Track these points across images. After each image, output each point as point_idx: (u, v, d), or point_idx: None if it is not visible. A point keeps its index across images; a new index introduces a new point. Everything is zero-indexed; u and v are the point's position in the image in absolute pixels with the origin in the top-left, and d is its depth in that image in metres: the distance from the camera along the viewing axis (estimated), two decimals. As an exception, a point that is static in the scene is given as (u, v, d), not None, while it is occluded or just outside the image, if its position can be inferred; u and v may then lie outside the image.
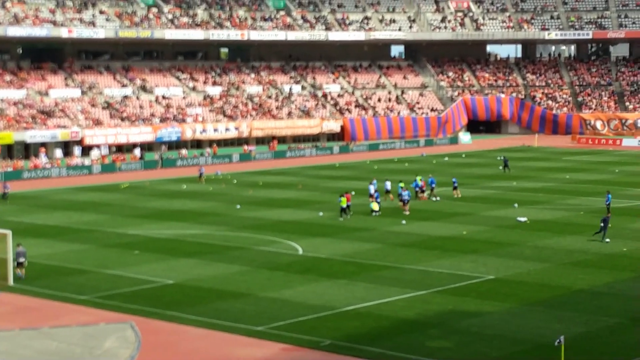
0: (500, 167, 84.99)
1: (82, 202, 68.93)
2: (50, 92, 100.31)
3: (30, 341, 32.97)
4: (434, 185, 68.08)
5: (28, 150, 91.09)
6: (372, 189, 63.26)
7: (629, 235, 52.21)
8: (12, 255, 41.51)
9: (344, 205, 58.51)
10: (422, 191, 66.30)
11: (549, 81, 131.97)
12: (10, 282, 40.84)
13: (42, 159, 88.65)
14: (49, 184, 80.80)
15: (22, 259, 41.63)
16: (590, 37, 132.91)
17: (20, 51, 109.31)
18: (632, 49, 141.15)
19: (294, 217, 60.01)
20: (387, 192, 65.49)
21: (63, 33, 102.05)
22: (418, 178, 67.80)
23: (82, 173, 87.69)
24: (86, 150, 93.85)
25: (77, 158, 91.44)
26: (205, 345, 32.49)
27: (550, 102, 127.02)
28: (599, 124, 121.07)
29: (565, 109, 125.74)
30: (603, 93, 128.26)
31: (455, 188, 68.94)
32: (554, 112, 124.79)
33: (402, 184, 63.52)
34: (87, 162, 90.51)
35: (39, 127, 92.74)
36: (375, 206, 60.10)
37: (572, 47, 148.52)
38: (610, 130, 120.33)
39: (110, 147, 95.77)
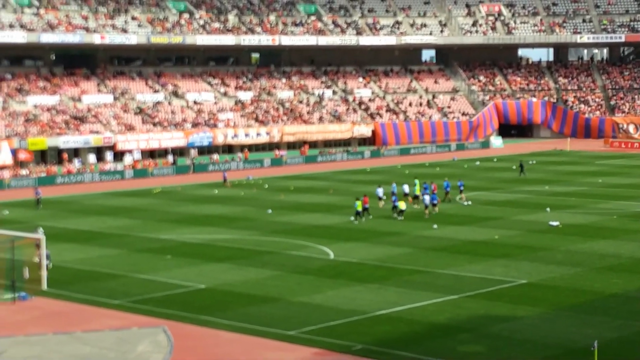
0: (516, 169, 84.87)
1: (114, 207, 69.27)
2: (83, 97, 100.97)
3: (63, 346, 33.15)
4: (448, 189, 68.10)
5: (61, 155, 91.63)
6: (384, 190, 64.86)
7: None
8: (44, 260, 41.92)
9: (360, 209, 58.73)
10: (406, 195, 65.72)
11: (581, 85, 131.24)
12: (44, 286, 41.10)
13: (76, 164, 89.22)
14: (81, 189, 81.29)
15: (45, 261, 41.88)
16: (622, 40, 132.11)
17: (54, 57, 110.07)
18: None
19: (325, 221, 60.02)
20: (406, 195, 65.33)
21: (96, 39, 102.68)
22: (417, 181, 68.12)
23: (114, 178, 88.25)
24: (119, 155, 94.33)
25: (109, 163, 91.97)
26: (236, 350, 32.55)
27: (582, 105, 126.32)
28: (631, 128, 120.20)
29: (597, 112, 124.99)
30: (636, 96, 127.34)
31: (461, 191, 68.67)
32: (586, 115, 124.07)
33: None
34: (119, 167, 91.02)
35: (72, 132, 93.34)
36: (402, 205, 60.34)
37: (605, 51, 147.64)
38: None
39: (142, 152, 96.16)
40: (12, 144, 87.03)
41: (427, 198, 61.58)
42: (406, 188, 66.39)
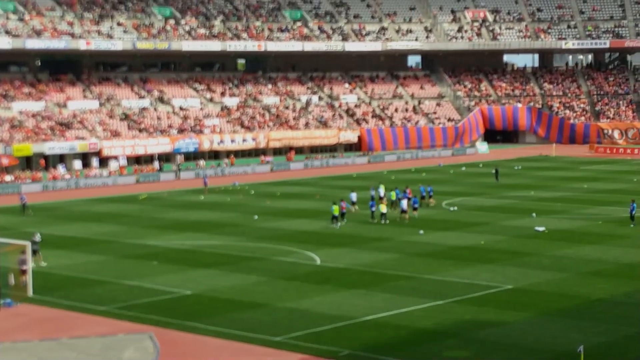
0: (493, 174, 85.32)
1: (100, 213, 69.18)
2: (68, 103, 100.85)
3: (49, 352, 33.08)
4: (424, 194, 68.52)
5: (47, 161, 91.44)
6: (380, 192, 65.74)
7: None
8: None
9: (336, 214, 58.91)
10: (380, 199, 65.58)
11: (566, 90, 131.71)
12: (30, 293, 41.02)
13: (61, 171, 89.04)
14: (67, 195, 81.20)
15: (25, 267, 41.83)
16: (607, 46, 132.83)
17: (39, 63, 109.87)
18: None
19: (312, 227, 60.09)
20: (380, 198, 65.36)
21: (81, 45, 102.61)
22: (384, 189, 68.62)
23: (100, 184, 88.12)
24: (104, 161, 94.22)
25: (95, 169, 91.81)
26: (223, 356, 32.55)
27: (567, 111, 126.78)
28: (616, 134, 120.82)
29: (582, 118, 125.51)
30: (621, 102, 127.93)
31: (430, 197, 68.90)
32: (571, 121, 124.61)
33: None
34: (105, 173, 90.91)
35: (58, 138, 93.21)
36: (383, 208, 60.65)
37: (590, 56, 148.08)
38: (628, 139, 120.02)
39: (128, 158, 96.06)
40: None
41: (404, 202, 61.63)
42: (381, 192, 66.47)
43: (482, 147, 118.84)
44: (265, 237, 56.17)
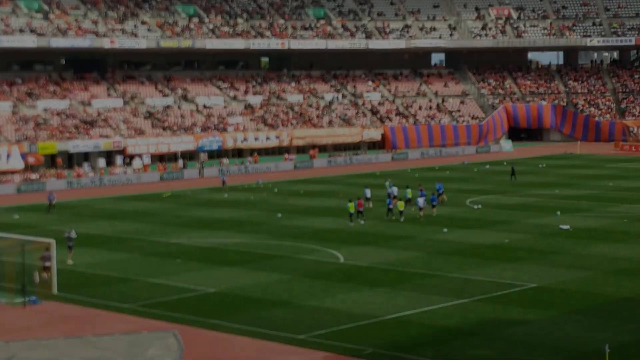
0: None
1: (124, 211, 69.46)
2: (92, 102, 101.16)
3: (73, 349, 33.18)
4: (441, 191, 68.44)
5: (71, 160, 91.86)
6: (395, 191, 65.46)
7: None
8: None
9: (352, 211, 59.04)
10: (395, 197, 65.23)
11: (592, 88, 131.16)
12: (54, 290, 41.21)
13: (85, 169, 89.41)
14: (91, 193, 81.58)
15: (47, 263, 42.08)
16: (633, 43, 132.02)
17: (64, 62, 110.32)
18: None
19: (335, 225, 60.06)
20: (395, 197, 65.11)
21: (105, 44, 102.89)
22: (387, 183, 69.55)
23: (124, 182, 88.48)
24: (128, 159, 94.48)
25: (119, 167, 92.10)
26: (247, 354, 32.63)
27: (592, 109, 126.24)
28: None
29: (608, 115, 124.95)
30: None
31: (440, 194, 68.74)
32: (596, 119, 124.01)
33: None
34: (129, 171, 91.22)
35: (82, 137, 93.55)
36: (401, 205, 61.11)
37: (615, 54, 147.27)
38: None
39: (152, 156, 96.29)
40: (23, 148, 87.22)
41: (420, 200, 61.51)
42: (395, 190, 66.22)
43: (507, 145, 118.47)
44: (288, 235, 56.25)
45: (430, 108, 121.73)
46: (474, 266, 46.39)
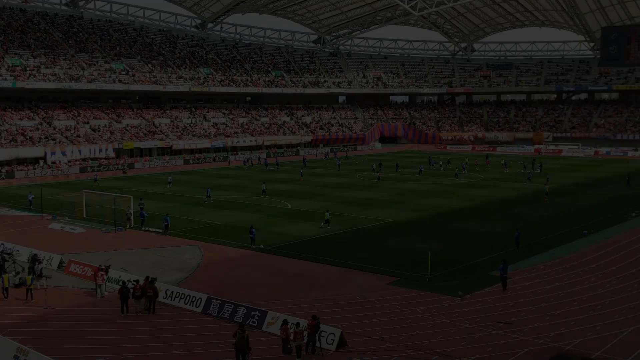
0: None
1: (174, 180, 68.35)
2: (154, 120, 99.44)
3: (143, 255, 33.32)
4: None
5: (142, 152, 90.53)
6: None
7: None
8: (131, 210, 41.81)
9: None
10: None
11: (423, 116, 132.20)
12: (132, 224, 41.04)
13: (151, 159, 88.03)
14: (153, 170, 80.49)
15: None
16: (445, 91, 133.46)
17: (137, 98, 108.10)
18: (454, 98, 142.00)
19: (286, 187, 59.01)
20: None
21: (160, 88, 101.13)
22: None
23: (177, 164, 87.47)
24: (174, 152, 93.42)
25: (168, 158, 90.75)
26: (238, 256, 32.82)
27: (424, 126, 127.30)
28: (449, 138, 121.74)
29: (431, 130, 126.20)
30: (451, 122, 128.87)
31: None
32: (425, 132, 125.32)
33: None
34: (179, 161, 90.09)
35: (149, 139, 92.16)
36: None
37: (436, 97, 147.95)
38: (455, 140, 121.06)
39: (191, 151, 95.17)
40: (114, 145, 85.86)
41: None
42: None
43: (378, 145, 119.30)
44: (261, 194, 55.71)
45: (339, 125, 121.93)
46: (359, 211, 46.49)
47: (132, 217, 40.87)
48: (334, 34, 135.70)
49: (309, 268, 30.02)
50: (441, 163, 79.36)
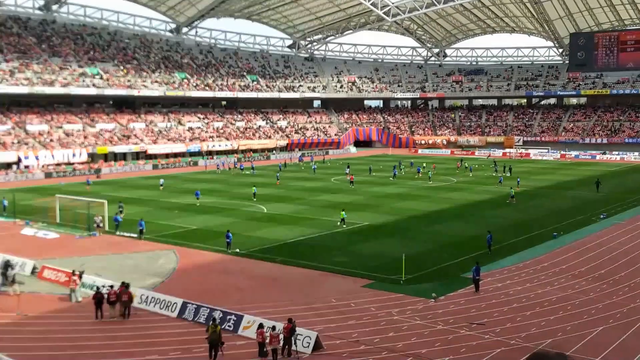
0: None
1: (146, 184, 67.84)
2: (128, 125, 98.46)
3: (117, 260, 32.89)
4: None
5: (115, 157, 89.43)
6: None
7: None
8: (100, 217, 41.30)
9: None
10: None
11: (397, 120, 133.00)
12: (106, 228, 40.53)
13: (124, 164, 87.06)
14: (127, 175, 79.65)
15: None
16: (418, 96, 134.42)
17: (112, 102, 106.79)
18: (417, 103, 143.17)
19: (263, 191, 58.81)
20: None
21: (134, 92, 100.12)
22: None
23: (146, 169, 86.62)
24: (149, 157, 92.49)
25: (144, 162, 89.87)
26: (214, 261, 32.66)
27: (398, 130, 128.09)
28: (423, 142, 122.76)
29: (405, 134, 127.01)
30: (424, 126, 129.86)
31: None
32: (399, 136, 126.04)
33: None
34: (148, 165, 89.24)
35: (123, 143, 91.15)
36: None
37: (409, 102, 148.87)
38: (428, 144, 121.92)
39: (166, 155, 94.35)
40: (88, 150, 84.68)
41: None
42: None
43: (353, 149, 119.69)
44: (237, 197, 55.06)
45: (314, 129, 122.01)
46: (334, 215, 46.25)
47: (102, 224, 40.23)
48: (309, 39, 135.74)
49: (285, 271, 29.98)
50: (403, 166, 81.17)
